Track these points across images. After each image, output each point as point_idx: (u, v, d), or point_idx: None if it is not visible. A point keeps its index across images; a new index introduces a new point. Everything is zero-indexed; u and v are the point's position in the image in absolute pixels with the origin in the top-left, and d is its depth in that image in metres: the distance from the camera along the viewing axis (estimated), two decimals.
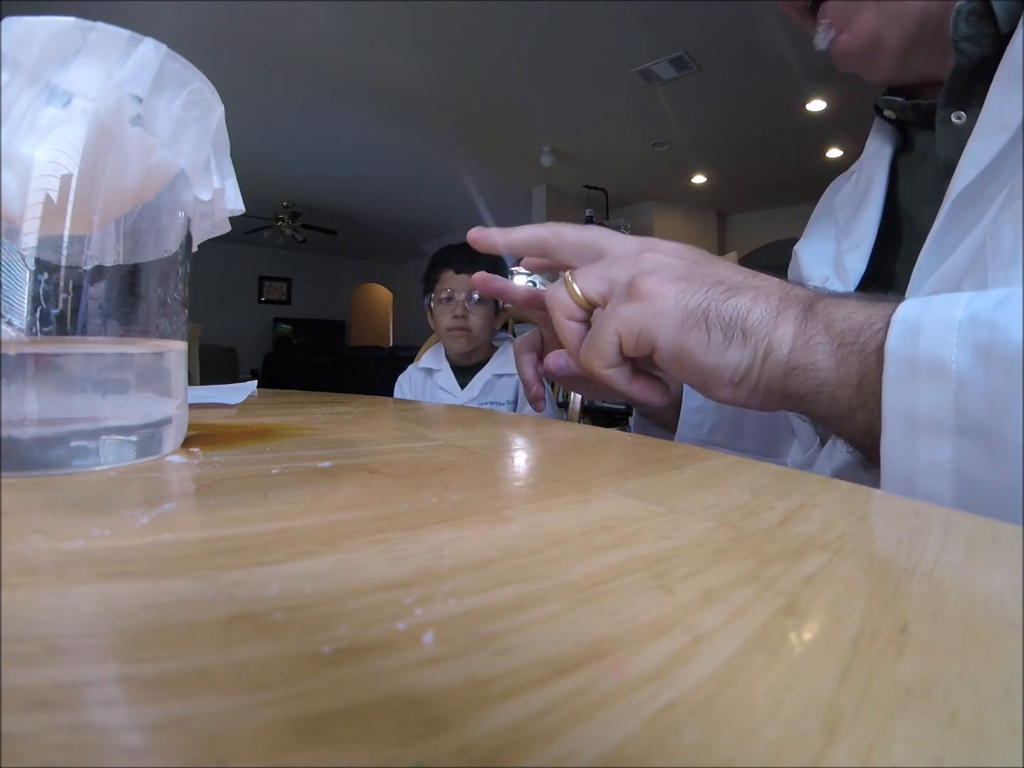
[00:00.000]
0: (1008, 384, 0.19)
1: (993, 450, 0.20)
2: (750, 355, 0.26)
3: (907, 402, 0.22)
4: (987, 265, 0.29)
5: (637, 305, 0.27)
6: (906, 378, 0.22)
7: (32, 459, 0.17)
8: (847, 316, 0.25)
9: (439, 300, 1.12)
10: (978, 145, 0.32)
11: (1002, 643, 0.09)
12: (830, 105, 3.13)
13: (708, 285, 0.27)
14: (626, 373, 0.30)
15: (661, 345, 0.27)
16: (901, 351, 0.22)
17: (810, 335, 0.25)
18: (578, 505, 0.15)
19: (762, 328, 0.26)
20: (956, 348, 0.21)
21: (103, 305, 0.18)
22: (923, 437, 0.21)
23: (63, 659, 0.07)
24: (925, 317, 0.22)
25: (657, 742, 0.06)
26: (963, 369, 0.20)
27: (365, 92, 3.19)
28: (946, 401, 0.21)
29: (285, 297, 7.36)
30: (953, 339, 0.21)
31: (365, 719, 0.06)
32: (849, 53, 0.40)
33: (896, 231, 0.41)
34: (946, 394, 0.21)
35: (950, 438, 0.21)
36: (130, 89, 0.18)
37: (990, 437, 0.20)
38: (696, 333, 0.26)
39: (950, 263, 0.33)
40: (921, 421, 0.21)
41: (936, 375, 0.21)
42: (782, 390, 0.26)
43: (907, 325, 0.22)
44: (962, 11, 0.34)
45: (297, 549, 0.11)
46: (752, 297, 0.26)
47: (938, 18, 0.36)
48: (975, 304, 0.21)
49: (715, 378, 0.27)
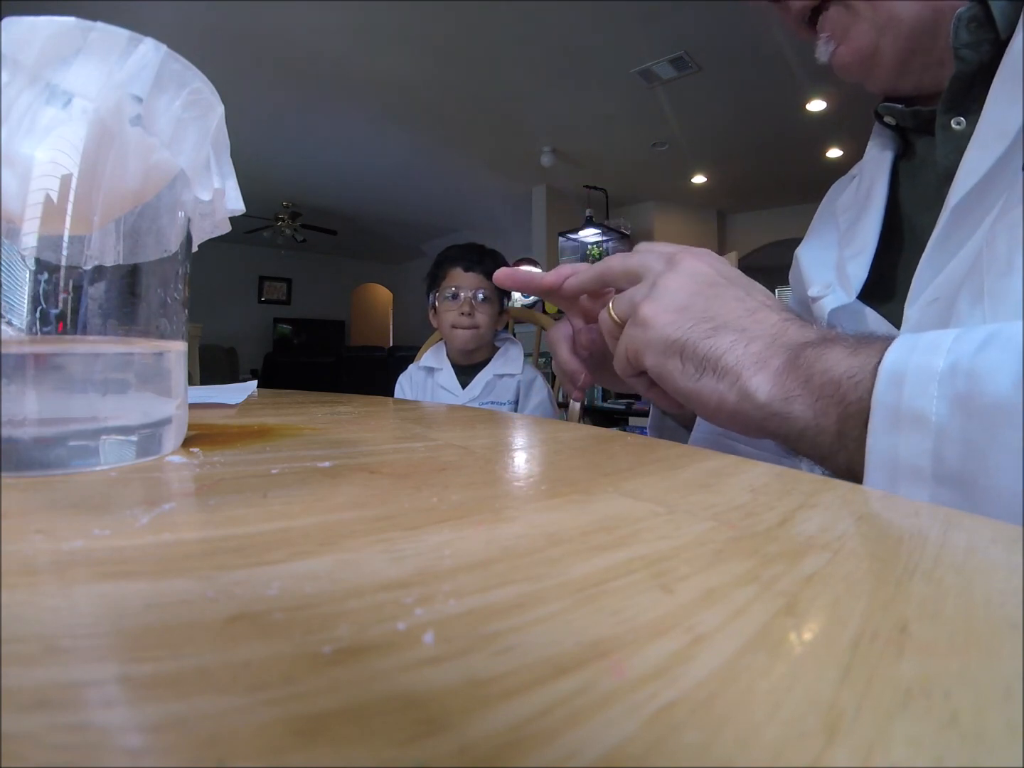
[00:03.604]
0: (983, 433, 0.20)
1: (968, 497, 0.20)
2: (726, 390, 0.28)
3: (889, 450, 0.23)
4: (983, 274, 0.29)
5: (636, 329, 0.31)
6: (890, 427, 0.23)
7: (32, 459, 0.17)
8: (828, 368, 0.25)
9: (444, 297, 1.12)
10: (977, 152, 0.32)
11: (1002, 643, 0.09)
12: (830, 105, 3.13)
13: (695, 320, 0.29)
14: (644, 382, 0.34)
15: (649, 365, 0.31)
16: (887, 401, 0.23)
17: (788, 388, 0.26)
18: (578, 505, 0.15)
19: (736, 370, 0.27)
20: (936, 400, 0.21)
21: (103, 305, 0.18)
22: (903, 483, 0.22)
23: (63, 659, 0.07)
24: (909, 365, 0.23)
25: (657, 742, 0.06)
26: (942, 420, 0.21)
27: (365, 92, 3.19)
28: (925, 450, 0.22)
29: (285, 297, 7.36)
30: (934, 391, 0.22)
31: (365, 719, 0.06)
32: (849, 65, 0.40)
33: (897, 238, 0.41)
34: (925, 443, 0.22)
35: (928, 485, 0.21)
36: (130, 89, 0.18)
37: (965, 485, 0.20)
38: (673, 361, 0.29)
39: (949, 270, 0.33)
40: (902, 468, 0.22)
41: (917, 425, 0.22)
42: (761, 429, 0.27)
43: (893, 375, 0.23)
44: (963, 18, 0.34)
45: (297, 549, 0.11)
46: (733, 340, 0.28)
47: (932, 26, 0.36)
48: (957, 351, 0.22)
49: (696, 401, 0.29)
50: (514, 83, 3.07)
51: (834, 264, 0.44)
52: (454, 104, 3.32)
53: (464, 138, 3.79)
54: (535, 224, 4.67)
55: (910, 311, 0.35)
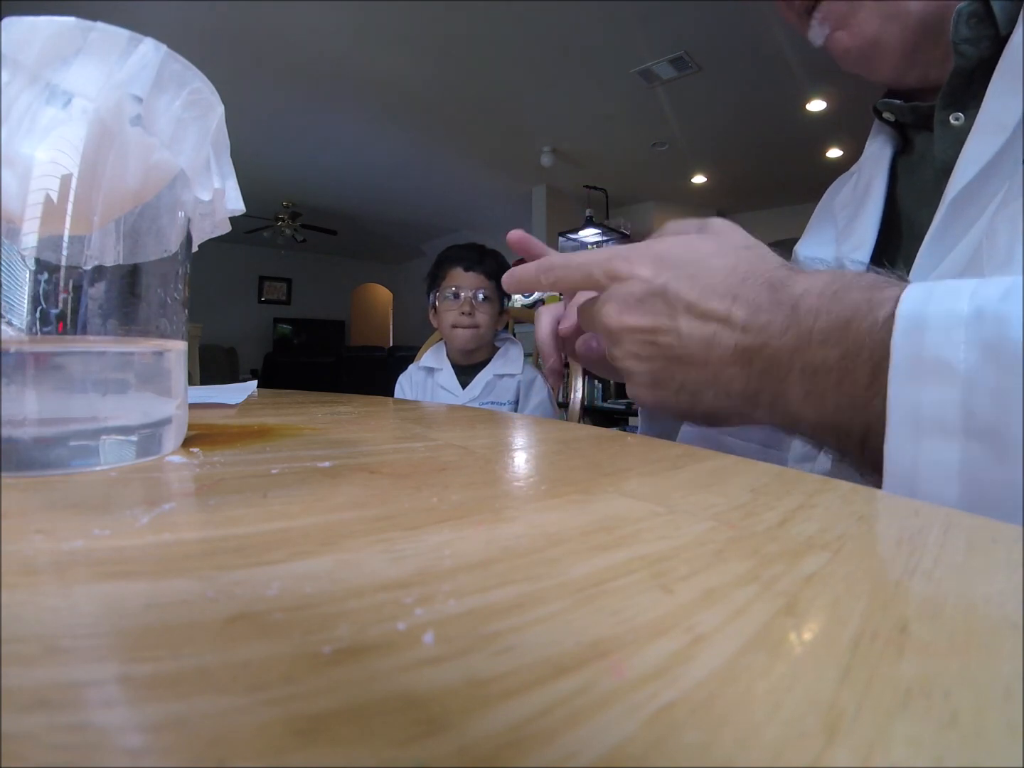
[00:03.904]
0: (1016, 383, 0.19)
1: (1001, 451, 0.19)
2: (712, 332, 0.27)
3: (912, 401, 0.21)
4: (983, 266, 0.29)
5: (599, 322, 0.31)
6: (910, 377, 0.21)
7: (32, 459, 0.17)
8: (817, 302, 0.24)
9: (445, 297, 1.12)
10: (975, 145, 0.32)
11: (1002, 643, 0.09)
12: (830, 105, 3.13)
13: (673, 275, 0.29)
14: None
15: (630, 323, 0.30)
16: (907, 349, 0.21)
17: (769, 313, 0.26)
18: (578, 505, 0.15)
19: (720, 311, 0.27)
20: (964, 346, 0.20)
21: (103, 305, 0.18)
22: (928, 438, 0.21)
23: (63, 659, 0.07)
24: (928, 310, 0.21)
25: (657, 742, 0.06)
26: (971, 368, 0.20)
27: (365, 92, 3.19)
28: (952, 401, 0.20)
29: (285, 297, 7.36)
30: (960, 337, 0.20)
31: (365, 719, 0.06)
32: (848, 51, 0.40)
33: (896, 233, 0.42)
34: (952, 394, 0.20)
35: (957, 439, 0.20)
36: (130, 89, 0.18)
37: (999, 438, 0.19)
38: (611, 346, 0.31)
39: (947, 263, 0.33)
40: (926, 422, 0.21)
41: (943, 374, 0.20)
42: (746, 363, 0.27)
43: (912, 320, 0.21)
44: (962, 13, 0.34)
45: (297, 549, 0.11)
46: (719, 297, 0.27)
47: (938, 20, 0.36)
48: (983, 294, 0.21)
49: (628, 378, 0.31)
50: (514, 83, 3.07)
51: (832, 260, 0.44)
52: (454, 104, 3.32)
53: (464, 138, 3.79)
54: (535, 224, 4.67)
55: None
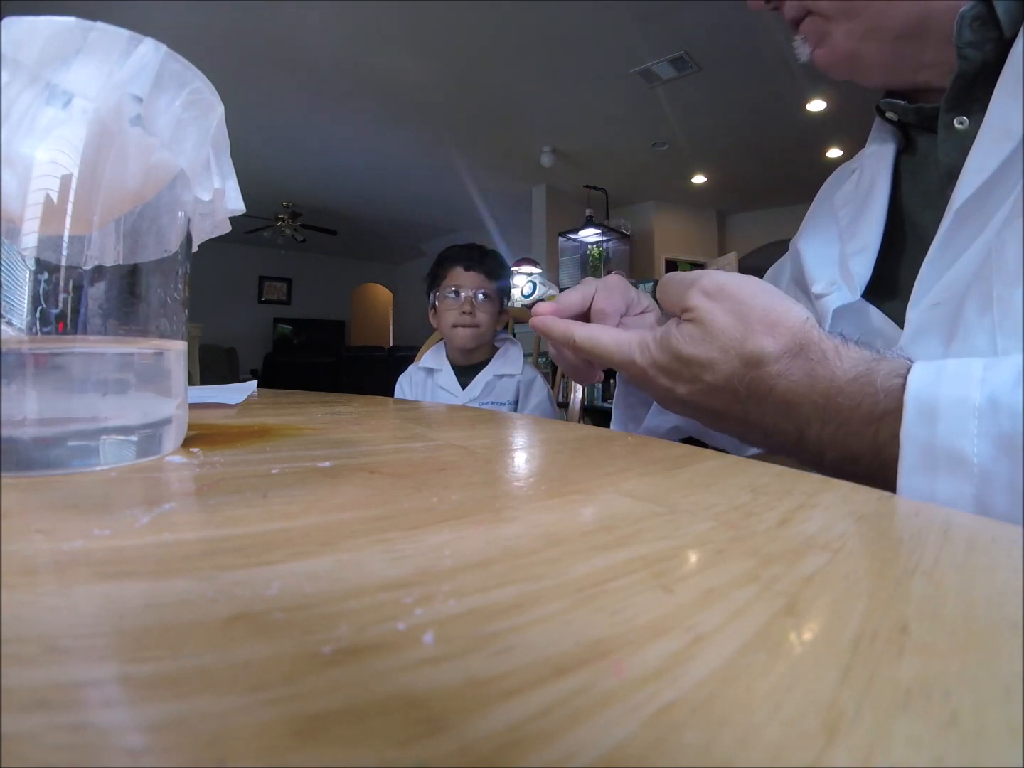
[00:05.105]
0: None
1: None
2: None
3: (926, 493, 0.21)
4: (992, 280, 0.29)
5: None
6: (924, 467, 0.21)
7: (32, 459, 0.17)
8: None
9: (445, 297, 1.12)
10: (981, 153, 0.32)
11: (1002, 643, 0.09)
12: (830, 105, 3.13)
13: (662, 373, 0.31)
14: None
15: None
16: (919, 436, 0.21)
17: None
18: (578, 505, 0.15)
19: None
20: (977, 439, 0.20)
21: (103, 305, 0.18)
22: None
23: (63, 659, 0.07)
24: (940, 396, 0.21)
25: (657, 742, 0.06)
26: (985, 462, 0.19)
27: (365, 92, 3.19)
28: (966, 495, 0.20)
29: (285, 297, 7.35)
30: (973, 428, 0.20)
31: (365, 719, 0.06)
32: (829, 66, 0.41)
33: (900, 235, 0.41)
34: (966, 487, 0.20)
35: None
36: (130, 89, 0.18)
37: None
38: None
39: (954, 273, 0.32)
40: None
41: (956, 467, 0.20)
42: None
43: (923, 405, 0.21)
44: (966, 16, 0.34)
45: (297, 549, 0.11)
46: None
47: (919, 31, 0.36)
48: (993, 382, 0.20)
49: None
50: (514, 83, 3.06)
51: (837, 260, 0.43)
52: (454, 104, 3.32)
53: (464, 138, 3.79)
54: (535, 224, 4.67)
55: (912, 314, 0.35)
